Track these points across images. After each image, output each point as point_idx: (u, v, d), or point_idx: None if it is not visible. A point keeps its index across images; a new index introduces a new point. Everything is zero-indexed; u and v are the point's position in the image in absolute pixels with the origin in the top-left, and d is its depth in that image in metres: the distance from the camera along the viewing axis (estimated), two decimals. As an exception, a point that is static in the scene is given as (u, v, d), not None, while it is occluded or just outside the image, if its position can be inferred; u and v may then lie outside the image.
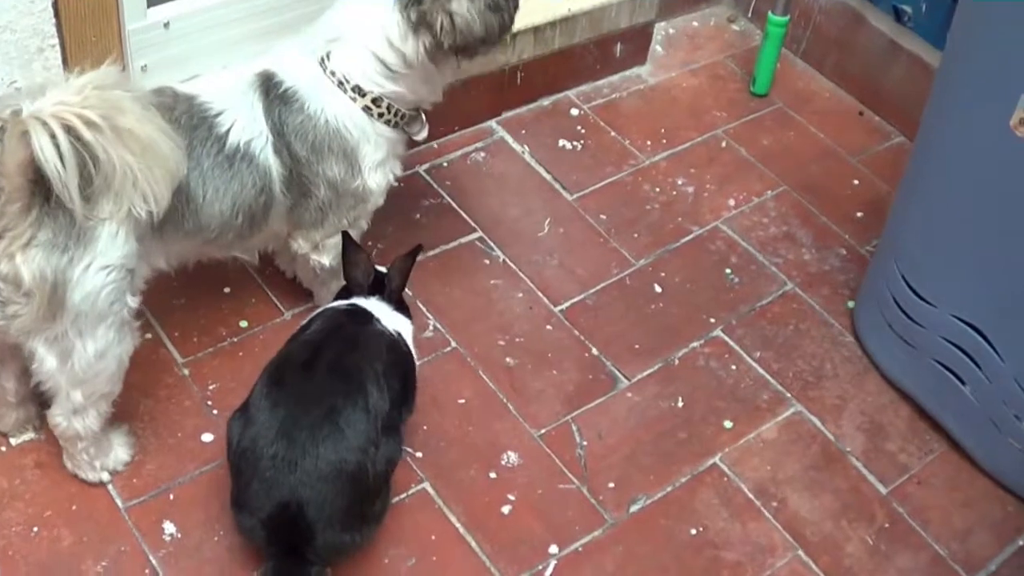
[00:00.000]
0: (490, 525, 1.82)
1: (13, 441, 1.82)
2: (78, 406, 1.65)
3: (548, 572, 1.78)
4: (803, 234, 2.40)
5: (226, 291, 2.08)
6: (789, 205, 2.45)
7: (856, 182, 2.54)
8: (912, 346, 2.04)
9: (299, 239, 1.90)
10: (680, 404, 2.04)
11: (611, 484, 1.90)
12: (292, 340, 1.73)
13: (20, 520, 1.73)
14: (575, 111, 2.60)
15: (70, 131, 1.39)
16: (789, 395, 2.09)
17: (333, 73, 1.76)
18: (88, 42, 1.89)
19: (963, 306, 1.91)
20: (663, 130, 2.58)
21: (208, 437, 1.86)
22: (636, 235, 2.33)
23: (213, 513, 1.75)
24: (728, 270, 2.30)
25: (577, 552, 1.81)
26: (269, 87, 1.75)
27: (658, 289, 2.24)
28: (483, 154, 2.46)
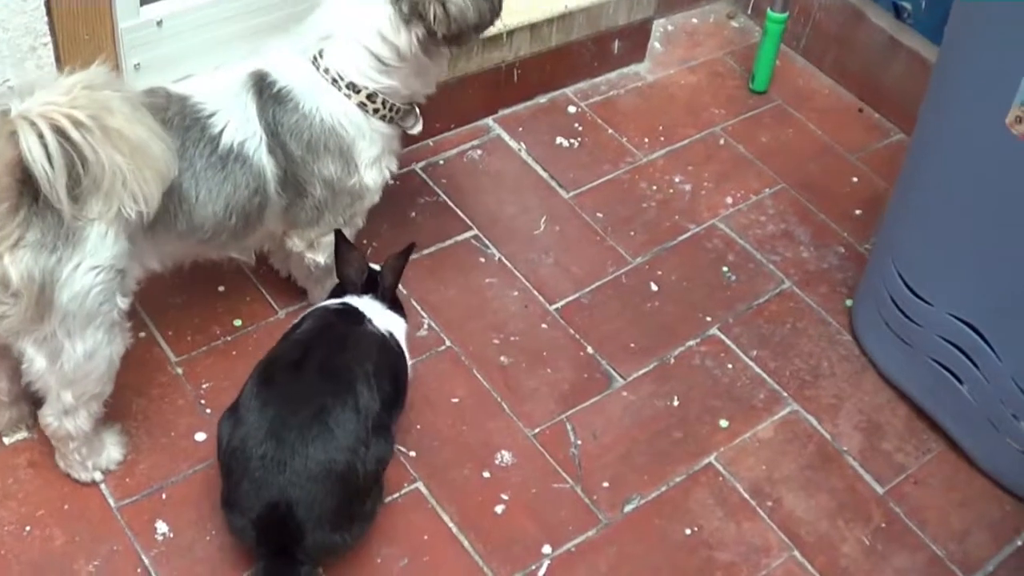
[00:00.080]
0: (483, 525, 1.81)
1: (6, 440, 1.82)
2: (69, 406, 1.65)
3: (541, 572, 1.77)
4: (801, 232, 2.38)
5: (220, 290, 2.08)
6: (787, 203, 2.44)
7: (855, 179, 2.52)
8: (909, 345, 2.03)
9: (294, 238, 1.90)
10: (675, 403, 2.03)
11: (605, 484, 1.89)
12: (283, 339, 1.73)
13: (13, 519, 1.73)
14: (572, 108, 2.58)
15: (58, 131, 1.39)
16: (785, 394, 2.08)
17: (327, 71, 1.76)
18: (81, 40, 1.89)
19: (960, 305, 1.90)
20: (661, 127, 2.57)
21: (201, 436, 1.86)
22: (632, 233, 2.32)
23: (205, 512, 1.75)
24: (725, 268, 2.28)
25: (570, 552, 1.80)
26: (262, 87, 1.74)
27: (654, 287, 2.23)
28: (479, 152, 2.45)
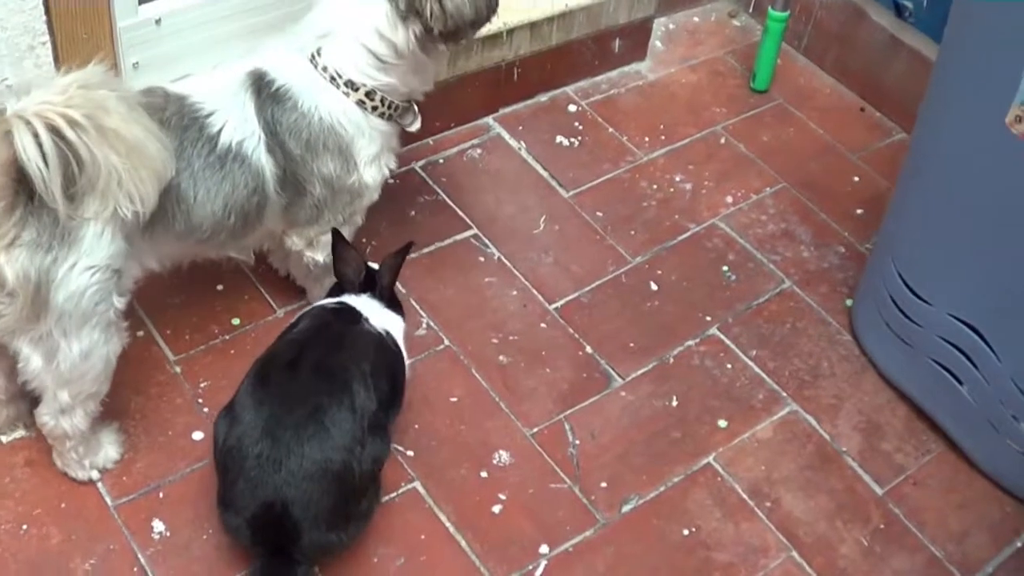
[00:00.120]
0: (480, 525, 1.81)
1: (3, 439, 1.82)
2: (65, 406, 1.65)
3: (538, 572, 1.77)
4: (802, 231, 2.37)
5: (219, 288, 2.08)
6: (788, 202, 2.43)
7: (856, 179, 2.51)
8: (909, 345, 2.02)
9: (293, 236, 1.90)
10: (674, 403, 2.03)
11: (603, 484, 1.89)
12: (280, 339, 1.73)
13: (10, 518, 1.73)
14: (573, 107, 2.58)
15: (53, 130, 1.38)
16: (785, 394, 2.07)
17: (325, 69, 1.75)
18: (79, 39, 1.89)
19: (960, 305, 1.89)
20: (662, 126, 2.56)
21: (198, 435, 1.85)
22: (632, 232, 2.32)
23: (202, 511, 1.75)
24: (725, 268, 2.28)
25: (568, 552, 1.80)
26: (261, 86, 1.74)
27: (654, 287, 2.22)
28: (479, 151, 2.44)
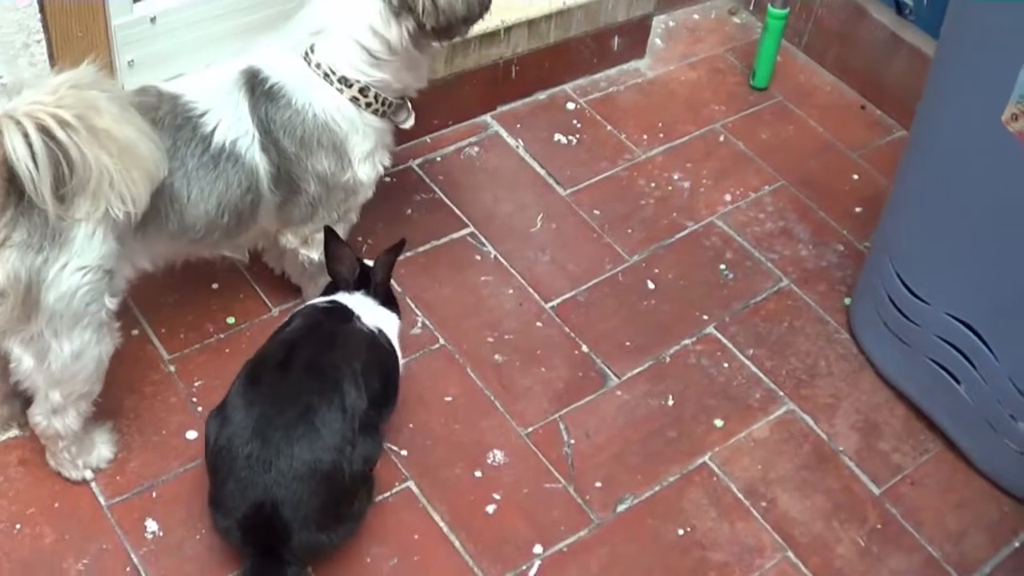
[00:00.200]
0: (474, 524, 1.80)
1: (-3, 438, 1.83)
2: (57, 406, 1.64)
3: (532, 572, 1.76)
4: (800, 230, 2.36)
5: (214, 287, 2.07)
6: (787, 200, 2.42)
7: (856, 177, 2.50)
8: (907, 344, 2.01)
9: (288, 235, 1.89)
10: (670, 402, 2.02)
11: (598, 483, 1.88)
12: (271, 338, 1.73)
13: (3, 517, 1.73)
14: (571, 105, 2.57)
15: (44, 131, 1.38)
16: (782, 393, 2.06)
17: (318, 66, 1.75)
18: (74, 37, 1.89)
19: (957, 304, 1.88)
20: (660, 124, 2.55)
21: (192, 434, 1.85)
22: (630, 231, 2.31)
23: (195, 511, 1.74)
24: (723, 266, 2.27)
25: (562, 552, 1.79)
26: (254, 84, 1.73)
27: (651, 285, 2.21)
28: (477, 149, 2.43)
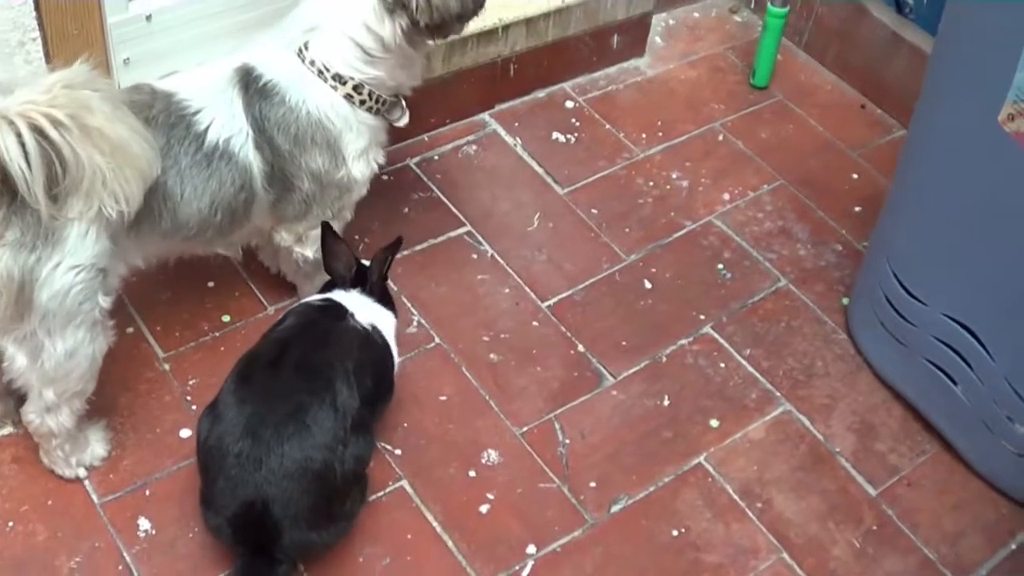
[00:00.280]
0: (468, 524, 1.80)
1: (-9, 436, 1.83)
2: (50, 404, 1.64)
3: (525, 572, 1.76)
4: (799, 229, 2.35)
5: (210, 285, 2.07)
6: (786, 199, 2.41)
7: (855, 176, 2.49)
8: (904, 345, 2.00)
9: (282, 232, 1.89)
10: (666, 402, 2.01)
11: (592, 484, 1.88)
12: (264, 336, 1.72)
13: (-4, 515, 1.74)
14: (570, 104, 2.56)
15: (36, 130, 1.38)
16: (778, 394, 2.05)
17: (312, 63, 1.75)
18: (70, 35, 1.88)
19: (954, 305, 1.87)
20: (659, 123, 2.55)
21: (186, 433, 1.85)
22: (627, 230, 2.30)
23: (188, 509, 1.74)
24: (720, 266, 2.26)
25: (555, 552, 1.79)
26: (248, 82, 1.73)
27: (648, 285, 2.20)
28: (475, 147, 2.43)
